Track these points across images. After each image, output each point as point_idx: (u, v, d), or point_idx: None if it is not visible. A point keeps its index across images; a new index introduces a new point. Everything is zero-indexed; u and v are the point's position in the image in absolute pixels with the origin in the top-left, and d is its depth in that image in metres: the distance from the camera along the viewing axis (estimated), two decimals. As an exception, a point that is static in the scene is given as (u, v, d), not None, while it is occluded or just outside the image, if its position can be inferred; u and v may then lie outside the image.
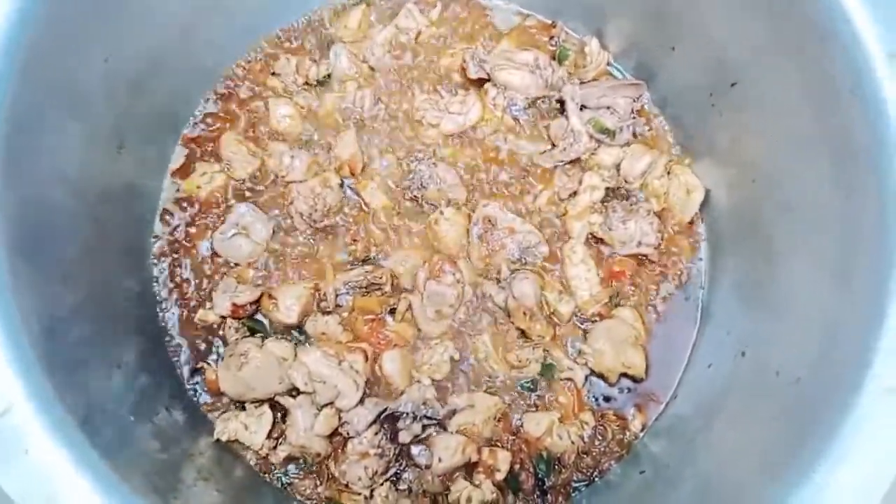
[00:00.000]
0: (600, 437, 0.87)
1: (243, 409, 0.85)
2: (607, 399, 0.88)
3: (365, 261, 0.90)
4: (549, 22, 1.00)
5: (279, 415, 0.85)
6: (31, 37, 0.64)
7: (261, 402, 0.85)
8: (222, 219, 0.90)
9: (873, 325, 0.62)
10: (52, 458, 0.53)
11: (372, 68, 0.96)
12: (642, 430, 0.87)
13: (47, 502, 0.50)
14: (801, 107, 0.75)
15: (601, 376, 0.88)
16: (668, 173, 0.94)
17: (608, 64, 0.98)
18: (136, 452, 0.64)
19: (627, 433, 0.87)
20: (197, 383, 0.87)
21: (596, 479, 0.86)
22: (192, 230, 0.91)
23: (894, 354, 0.60)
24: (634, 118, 0.95)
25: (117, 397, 0.69)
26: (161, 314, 0.88)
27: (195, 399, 0.86)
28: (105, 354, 0.72)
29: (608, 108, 0.94)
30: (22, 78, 0.61)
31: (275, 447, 0.84)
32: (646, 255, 0.92)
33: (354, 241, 0.91)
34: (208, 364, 0.87)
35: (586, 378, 0.88)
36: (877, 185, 0.65)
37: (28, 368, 0.55)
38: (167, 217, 0.91)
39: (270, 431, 0.84)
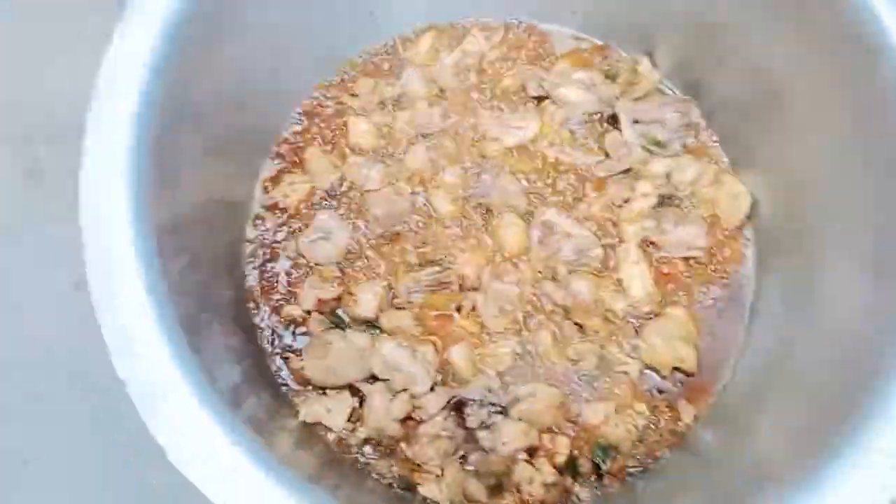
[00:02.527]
0: (654, 427, 0.93)
1: (325, 394, 0.94)
2: (660, 391, 0.94)
3: (433, 262, 0.98)
4: (602, 44, 1.08)
5: (358, 400, 0.94)
6: (164, 68, 0.75)
7: (341, 388, 0.94)
8: (307, 224, 1.00)
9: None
10: (196, 416, 0.63)
11: (441, 88, 1.06)
12: (694, 420, 0.93)
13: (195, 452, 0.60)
14: (840, 115, 0.82)
15: (654, 370, 0.94)
16: (716, 182, 1.01)
17: (659, 82, 1.06)
18: (244, 412, 0.74)
19: (679, 423, 0.93)
20: (283, 370, 0.96)
21: (650, 465, 0.92)
22: (280, 234, 1.01)
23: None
24: (684, 131, 1.02)
25: (227, 373, 0.79)
26: (253, 309, 0.98)
27: (283, 384, 0.95)
28: (217, 339, 0.82)
29: (658, 121, 1.02)
30: (159, 97, 0.73)
31: (353, 429, 0.93)
32: (696, 258, 0.98)
33: (424, 244, 0.99)
34: (294, 353, 0.96)
35: (641, 371, 0.94)
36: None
37: (171, 335, 0.65)
38: (258, 222, 1.02)
39: (350, 416, 0.93)
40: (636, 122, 1.02)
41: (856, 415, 0.67)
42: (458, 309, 0.97)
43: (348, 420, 0.92)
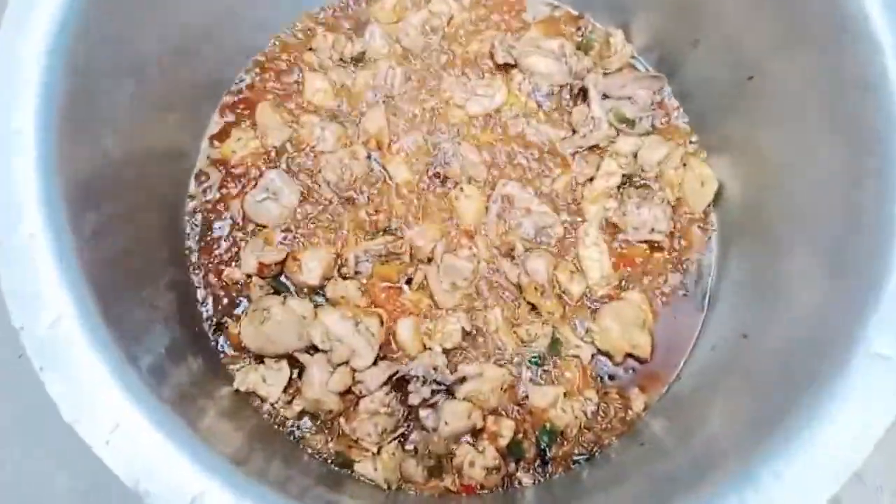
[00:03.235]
0: (603, 414, 0.90)
1: (262, 363, 0.89)
2: (612, 377, 0.91)
3: (386, 231, 0.94)
4: (577, 13, 1.04)
5: (296, 371, 0.89)
6: (89, 7, 0.69)
7: (279, 357, 0.89)
8: (254, 183, 0.95)
9: (865, 307, 0.65)
10: (94, 371, 0.57)
11: (404, 49, 1.00)
12: (644, 409, 0.90)
13: (86, 408, 0.55)
14: (813, 101, 0.78)
15: (607, 355, 0.91)
16: (684, 165, 0.97)
17: (632, 57, 1.02)
18: (168, 382, 0.68)
19: (629, 411, 0.90)
20: (220, 336, 0.91)
21: (596, 453, 0.89)
22: (225, 192, 0.95)
23: (884, 326, 0.63)
24: (654, 110, 0.99)
25: (152, 336, 0.74)
26: (191, 269, 0.93)
27: (218, 350, 0.90)
28: (142, 295, 0.77)
29: (629, 98, 0.98)
30: (81, 34, 0.66)
31: (290, 401, 0.88)
32: (658, 242, 0.95)
33: (377, 211, 0.94)
34: (232, 319, 0.91)
35: (592, 356, 0.91)
36: (878, 175, 0.68)
37: (79, 293, 0.60)
38: (202, 178, 0.96)
39: (287, 387, 0.88)
40: (605, 97, 0.97)
41: (802, 409, 0.65)
42: (409, 282, 0.92)
43: (285, 391, 0.88)
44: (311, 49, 1.00)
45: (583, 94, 0.98)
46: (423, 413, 0.88)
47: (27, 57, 0.64)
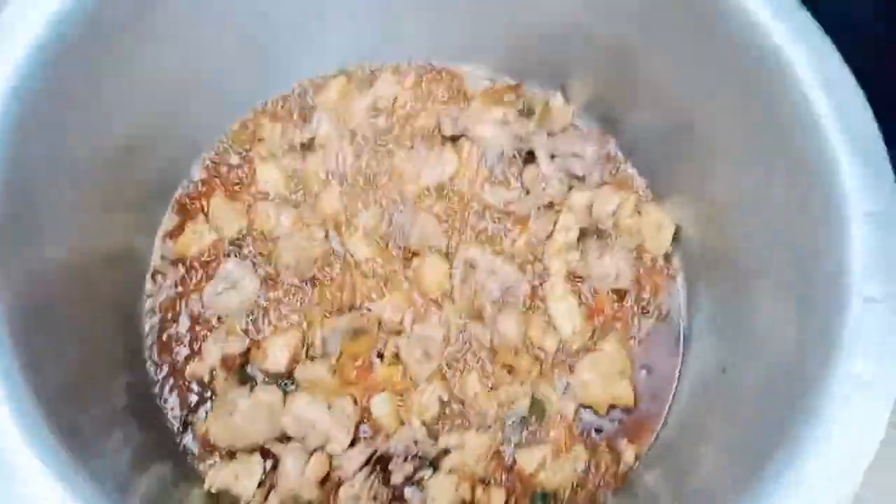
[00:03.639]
0: (594, 470, 0.86)
1: (234, 458, 0.84)
2: (598, 430, 0.88)
3: (351, 308, 0.92)
4: (515, 83, 1.08)
5: (270, 463, 0.84)
6: (24, 111, 0.68)
7: (251, 450, 0.84)
8: (211, 275, 0.93)
9: (834, 332, 0.64)
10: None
11: (352, 132, 1.02)
12: (636, 460, 0.87)
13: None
14: (751, 138, 0.80)
15: (590, 408, 0.89)
16: (639, 212, 0.99)
17: (573, 116, 1.05)
18: (136, 497, 0.64)
19: (621, 464, 0.87)
20: (187, 436, 0.86)
21: (593, 513, 0.85)
22: (182, 288, 0.93)
23: (854, 350, 0.63)
24: (602, 164, 1.01)
25: (115, 449, 0.70)
26: (152, 370, 0.89)
27: (187, 451, 0.85)
28: (102, 408, 0.74)
29: (576, 155, 1.00)
30: (17, 145, 0.66)
31: (266, 496, 0.83)
32: (624, 290, 0.95)
33: (341, 290, 0.93)
34: (198, 417, 0.87)
35: (576, 411, 0.88)
36: (823, 202, 0.69)
37: (29, 420, 0.57)
38: (158, 277, 0.94)
39: (261, 481, 0.83)
40: (553, 156, 1.00)
41: (788, 441, 0.63)
42: (380, 356, 0.90)
43: (259, 486, 0.83)
44: (260, 140, 1.01)
45: (531, 155, 1.00)
46: (408, 492, 0.83)
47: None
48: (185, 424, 0.87)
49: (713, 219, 0.93)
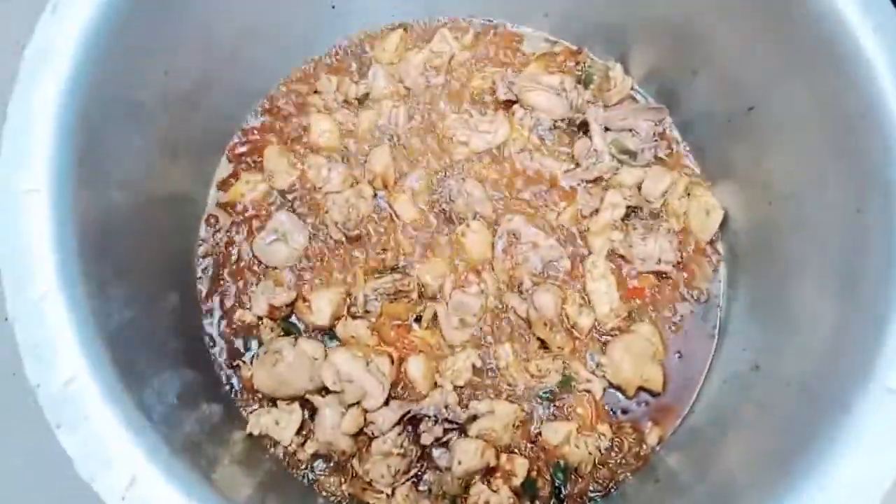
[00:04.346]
0: (617, 449, 0.89)
1: (275, 405, 0.89)
2: (625, 411, 0.91)
3: (394, 269, 0.94)
4: (576, 48, 1.05)
5: (308, 413, 0.89)
6: (99, 55, 0.70)
7: (292, 399, 0.89)
8: (263, 225, 0.96)
9: (878, 333, 0.64)
10: (110, 426, 0.58)
11: (407, 88, 1.02)
12: (658, 443, 0.89)
13: (102, 464, 0.55)
14: (814, 129, 0.79)
15: (619, 389, 0.91)
16: (688, 194, 0.98)
17: (632, 88, 1.02)
18: (181, 431, 0.69)
19: (644, 446, 0.89)
20: (233, 379, 0.91)
21: (612, 489, 0.88)
22: (235, 235, 0.96)
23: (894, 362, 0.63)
24: (656, 141, 0.99)
25: (165, 383, 0.74)
26: (203, 313, 0.93)
27: (231, 394, 0.91)
28: (154, 345, 0.78)
29: (630, 130, 0.98)
30: (93, 87, 0.68)
31: (303, 443, 0.88)
32: (665, 273, 0.95)
33: (385, 250, 0.95)
34: (244, 362, 0.92)
35: (604, 390, 0.90)
36: (885, 202, 0.68)
37: (92, 347, 0.61)
38: (212, 221, 0.97)
39: (300, 429, 0.88)
40: (607, 129, 0.98)
41: (819, 441, 0.65)
42: (418, 319, 0.93)
43: (297, 434, 0.88)
44: (316, 92, 1.02)
45: (584, 127, 0.99)
46: (435, 452, 0.88)
47: (41, 116, 0.65)
48: (232, 369, 0.91)
49: (763, 206, 0.91)
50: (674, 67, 0.98)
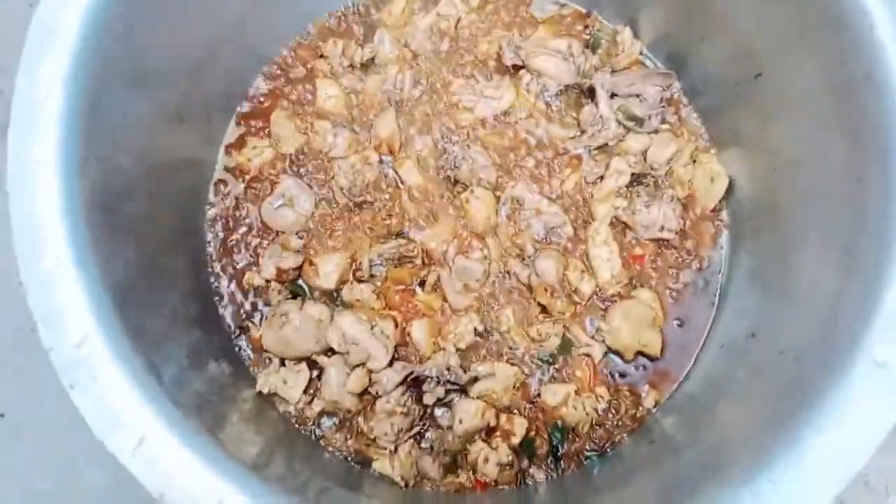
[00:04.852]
0: (614, 411, 0.91)
1: (283, 365, 0.92)
2: (623, 375, 0.93)
3: (398, 234, 0.96)
4: (585, 12, 1.04)
5: (315, 373, 0.92)
6: (106, 19, 0.71)
7: (299, 360, 0.92)
8: (270, 190, 0.98)
9: (869, 306, 0.65)
10: (120, 387, 0.61)
11: (413, 52, 1.02)
12: (655, 406, 0.92)
13: (114, 423, 0.59)
14: (819, 96, 0.78)
15: (618, 353, 0.93)
16: (694, 161, 0.97)
17: (640, 53, 1.01)
18: (190, 391, 0.72)
19: (640, 408, 0.91)
20: (242, 340, 0.94)
21: (608, 449, 0.91)
22: (243, 200, 0.98)
23: (887, 332, 0.64)
24: (664, 107, 0.99)
25: (174, 344, 0.77)
26: (212, 275, 0.96)
27: (240, 354, 0.94)
28: (164, 307, 0.80)
29: (638, 96, 0.98)
30: (99, 56, 0.69)
31: (310, 402, 0.91)
32: (668, 240, 0.95)
33: (390, 215, 0.97)
34: (253, 323, 0.95)
35: (603, 354, 0.92)
36: (883, 170, 0.68)
37: (102, 310, 0.63)
38: (221, 186, 0.99)
39: (307, 388, 0.91)
40: (613, 95, 0.98)
41: (814, 404, 0.66)
42: (422, 284, 0.95)
43: (305, 392, 0.91)
44: (321, 56, 1.02)
45: (591, 93, 0.98)
46: (437, 412, 0.91)
47: (49, 83, 0.66)
48: (241, 329, 0.94)
49: (768, 174, 0.91)
50: (682, 32, 0.97)
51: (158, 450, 0.60)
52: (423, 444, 0.90)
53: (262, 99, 1.01)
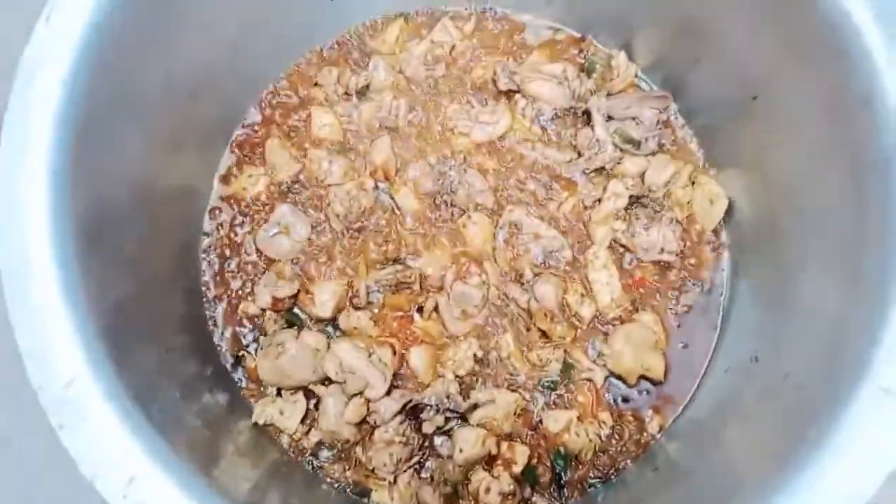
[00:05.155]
0: (618, 437, 0.90)
1: (280, 395, 0.91)
2: (626, 400, 0.91)
3: (395, 261, 0.95)
4: (579, 36, 1.04)
5: (312, 403, 0.90)
6: (99, 51, 0.70)
7: (296, 389, 0.91)
8: (266, 218, 0.97)
9: (875, 327, 0.64)
10: (109, 426, 0.60)
11: (408, 79, 1.02)
12: (659, 431, 0.90)
13: (103, 464, 0.57)
14: (817, 118, 0.78)
15: (620, 378, 0.91)
16: (693, 183, 0.97)
17: (636, 76, 1.02)
18: (182, 426, 0.71)
19: (644, 434, 0.90)
20: (238, 370, 0.93)
21: (612, 476, 0.89)
22: (238, 228, 0.98)
23: (894, 354, 0.62)
24: (660, 129, 0.98)
25: (167, 377, 0.76)
26: (207, 305, 0.95)
27: (237, 384, 0.92)
28: (156, 339, 0.79)
29: (634, 119, 0.98)
30: (92, 86, 0.68)
31: (307, 432, 0.90)
32: (668, 262, 0.94)
33: (386, 241, 0.96)
34: (249, 353, 0.93)
35: (605, 379, 0.91)
36: (883, 189, 0.68)
37: (91, 348, 0.62)
38: (216, 214, 0.98)
39: (304, 418, 0.90)
40: (610, 118, 0.97)
41: (822, 431, 0.64)
42: (420, 310, 0.93)
43: (302, 422, 0.90)
44: (316, 84, 1.02)
45: (587, 116, 0.98)
46: (437, 441, 0.89)
47: (39, 112, 0.66)
48: (237, 359, 0.93)
49: (767, 195, 0.90)
50: (677, 55, 0.97)
51: (149, 490, 0.58)
52: (423, 474, 0.89)
53: (256, 127, 1.01)
